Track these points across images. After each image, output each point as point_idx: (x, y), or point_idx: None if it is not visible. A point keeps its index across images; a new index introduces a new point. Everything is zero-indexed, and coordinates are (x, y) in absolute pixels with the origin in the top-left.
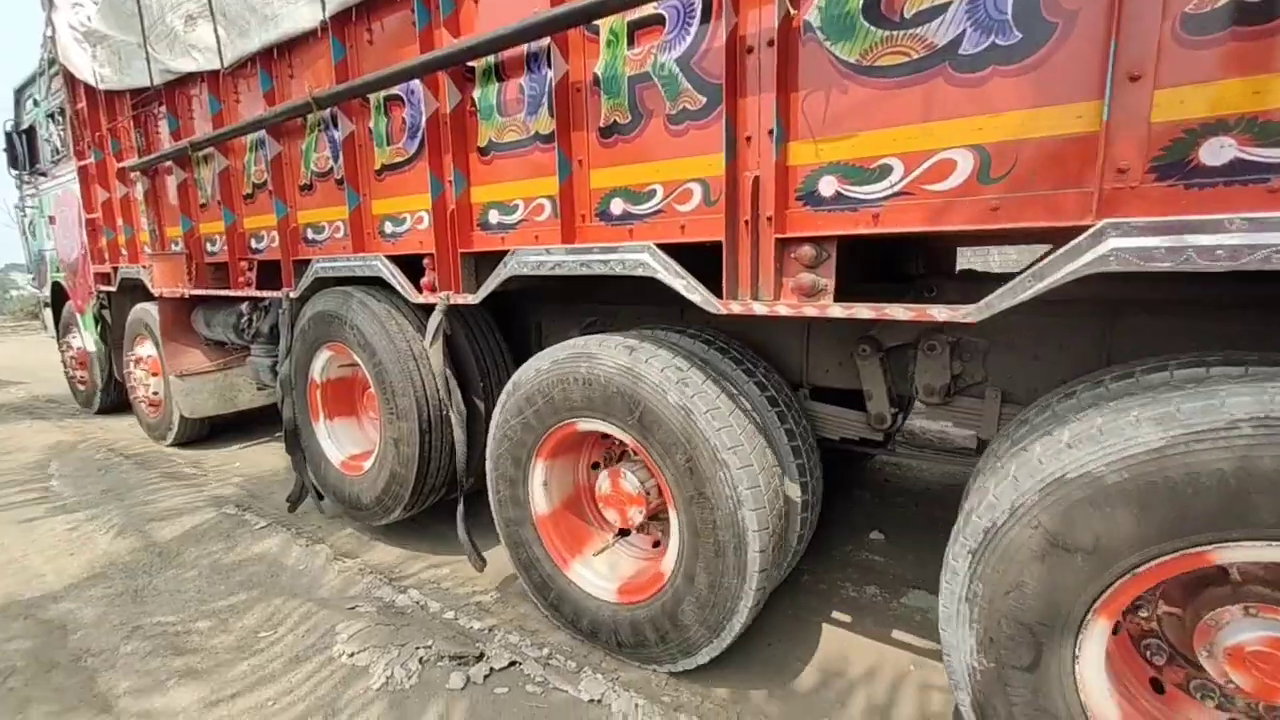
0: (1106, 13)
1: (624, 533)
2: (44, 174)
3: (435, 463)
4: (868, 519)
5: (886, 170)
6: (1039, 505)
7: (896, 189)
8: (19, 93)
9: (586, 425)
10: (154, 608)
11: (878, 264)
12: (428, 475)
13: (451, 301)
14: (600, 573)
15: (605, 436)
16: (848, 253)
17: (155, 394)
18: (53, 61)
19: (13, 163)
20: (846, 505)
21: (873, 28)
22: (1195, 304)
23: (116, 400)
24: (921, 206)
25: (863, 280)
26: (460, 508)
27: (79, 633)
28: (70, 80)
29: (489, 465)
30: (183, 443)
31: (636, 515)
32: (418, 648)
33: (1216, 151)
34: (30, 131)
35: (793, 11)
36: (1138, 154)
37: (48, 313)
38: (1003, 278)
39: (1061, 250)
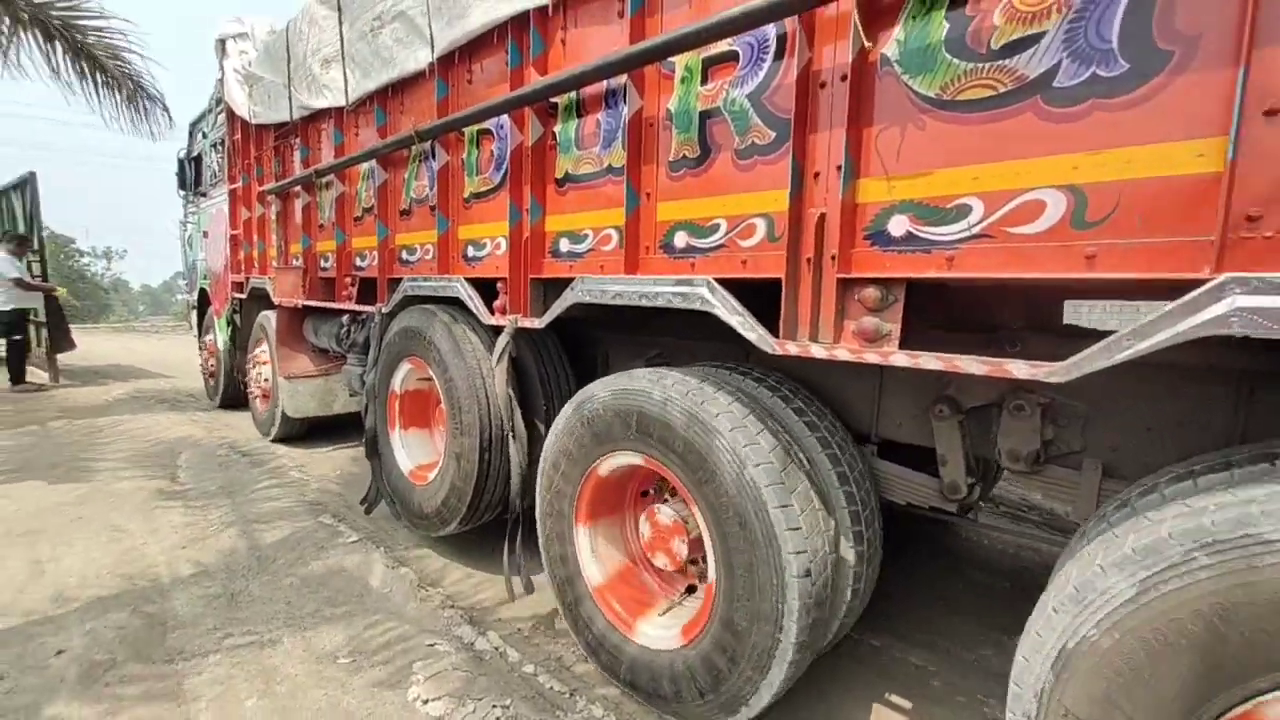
0: (1235, 37)
1: (691, 589)
2: (204, 195)
3: (492, 479)
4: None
5: (965, 210)
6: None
7: (975, 231)
8: (192, 126)
9: (621, 459)
10: (246, 614)
11: (965, 312)
12: (484, 492)
13: (519, 325)
14: (662, 624)
15: (645, 495)
16: (928, 297)
17: (265, 394)
18: (219, 100)
19: (181, 184)
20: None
21: (956, 60)
22: None
23: (235, 397)
24: (1003, 251)
25: (947, 329)
26: (509, 530)
27: (176, 632)
28: (231, 116)
29: (539, 530)
30: (282, 438)
31: (681, 547)
32: (494, 705)
33: None
34: (198, 159)
35: (867, 45)
36: (1273, 199)
37: (194, 315)
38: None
39: (1172, 306)
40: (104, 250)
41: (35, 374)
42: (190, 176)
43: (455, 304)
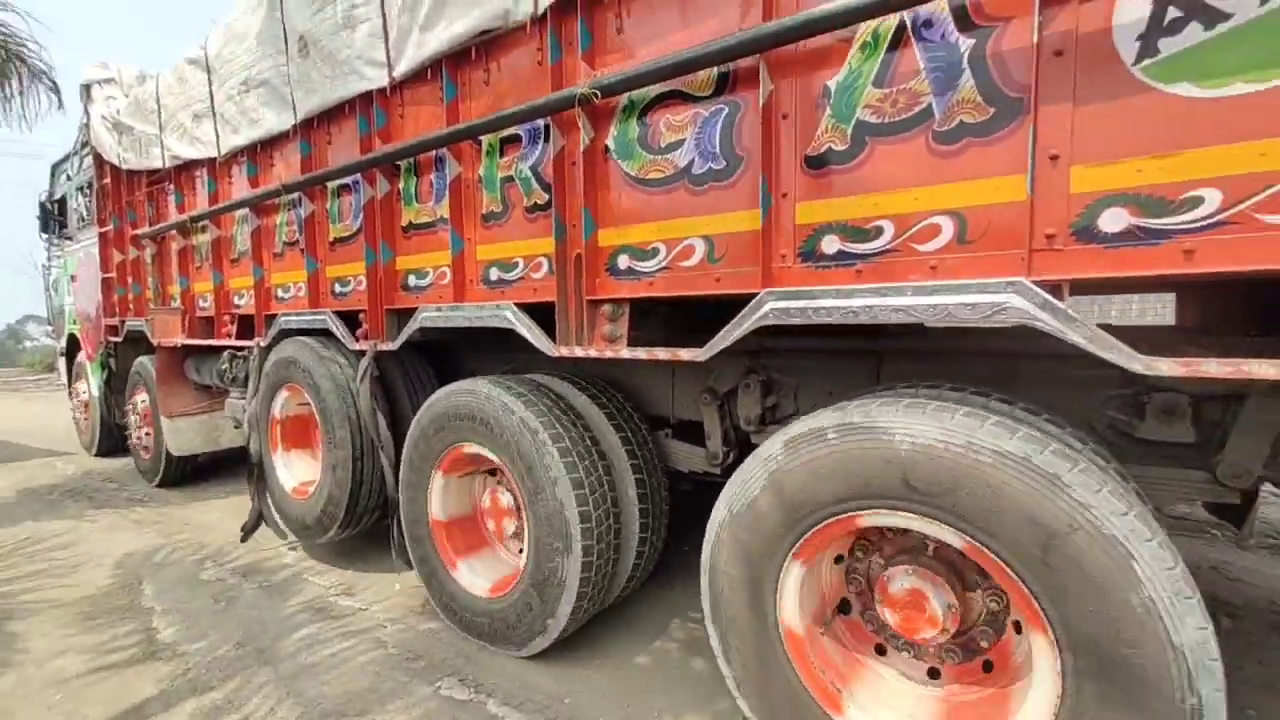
0: (764, 152)
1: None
2: (70, 238)
3: (367, 486)
4: None
5: (655, 251)
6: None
7: (662, 265)
8: (55, 168)
9: (469, 449)
10: None
11: None
12: (359, 498)
13: (378, 348)
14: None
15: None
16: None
17: (148, 435)
18: (85, 143)
19: (44, 228)
20: None
21: (644, 152)
22: (934, 353)
23: (114, 444)
24: (677, 277)
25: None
26: (391, 523)
27: None
28: (99, 160)
29: (406, 537)
30: (170, 482)
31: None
32: None
33: (829, 245)
34: (62, 201)
35: (584, 143)
36: (789, 246)
37: (63, 362)
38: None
39: (743, 311)
40: None
41: None
42: (54, 219)
43: (326, 334)
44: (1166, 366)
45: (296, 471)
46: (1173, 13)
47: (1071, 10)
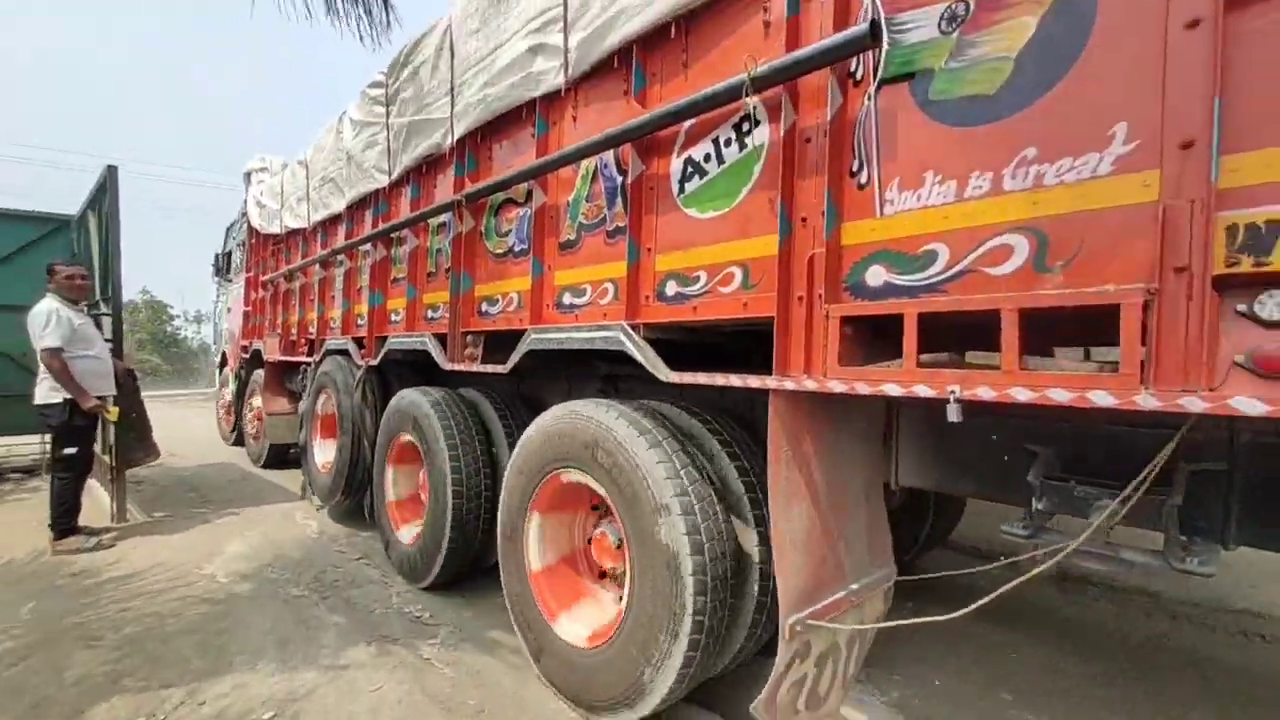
0: (536, 239)
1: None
2: (230, 281)
3: (360, 464)
4: None
5: (496, 301)
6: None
7: (500, 310)
8: (227, 230)
9: (405, 438)
10: None
11: None
12: (355, 473)
13: (370, 364)
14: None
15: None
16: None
17: (258, 432)
18: (243, 213)
19: (216, 272)
20: None
21: (497, 235)
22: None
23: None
24: (504, 318)
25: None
26: (369, 494)
27: None
28: (249, 226)
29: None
30: (270, 465)
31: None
32: None
33: (567, 299)
34: (229, 254)
35: (465, 230)
36: (550, 299)
37: (216, 373)
38: None
39: (520, 341)
40: (195, 314)
41: (92, 492)
42: (223, 267)
43: (347, 354)
44: (677, 376)
45: (326, 454)
46: (688, 169)
47: (656, 162)
